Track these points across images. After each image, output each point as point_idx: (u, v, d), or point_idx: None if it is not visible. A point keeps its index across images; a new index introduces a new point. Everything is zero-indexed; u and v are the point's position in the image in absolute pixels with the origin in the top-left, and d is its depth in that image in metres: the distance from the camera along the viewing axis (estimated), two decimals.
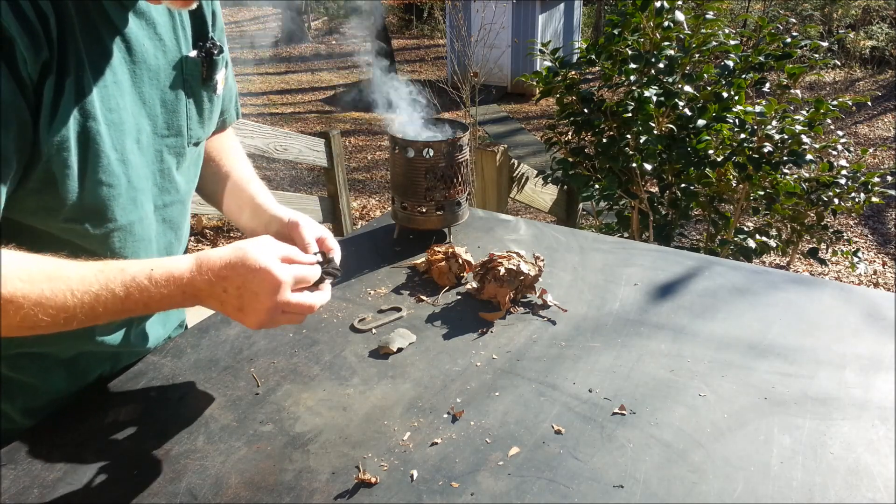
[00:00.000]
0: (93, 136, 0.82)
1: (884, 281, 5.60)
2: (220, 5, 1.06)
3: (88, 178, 0.83)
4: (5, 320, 0.73)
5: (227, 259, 0.81)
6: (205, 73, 0.99)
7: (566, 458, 0.84)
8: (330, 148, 3.97)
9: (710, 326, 1.12)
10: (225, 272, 0.80)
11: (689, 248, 3.26)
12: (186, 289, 0.81)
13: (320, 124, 11.60)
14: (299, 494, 0.80)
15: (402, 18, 20.48)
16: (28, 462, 0.85)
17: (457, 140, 1.37)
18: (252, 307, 0.81)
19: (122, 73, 0.86)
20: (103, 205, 0.86)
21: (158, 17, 0.91)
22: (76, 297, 0.75)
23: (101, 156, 0.83)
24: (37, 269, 0.75)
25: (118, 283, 0.78)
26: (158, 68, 0.91)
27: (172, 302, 0.81)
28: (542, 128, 6.82)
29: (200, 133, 1.02)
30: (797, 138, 2.82)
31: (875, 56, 13.96)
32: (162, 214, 0.98)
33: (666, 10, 3.01)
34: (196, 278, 0.81)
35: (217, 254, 0.82)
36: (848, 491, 0.79)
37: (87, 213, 0.85)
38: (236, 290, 0.80)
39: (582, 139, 3.44)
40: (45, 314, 0.74)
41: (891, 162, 8.84)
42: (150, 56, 0.89)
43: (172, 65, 0.93)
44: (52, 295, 0.74)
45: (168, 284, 0.80)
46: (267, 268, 0.80)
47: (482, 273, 1.21)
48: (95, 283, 0.77)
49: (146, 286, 0.79)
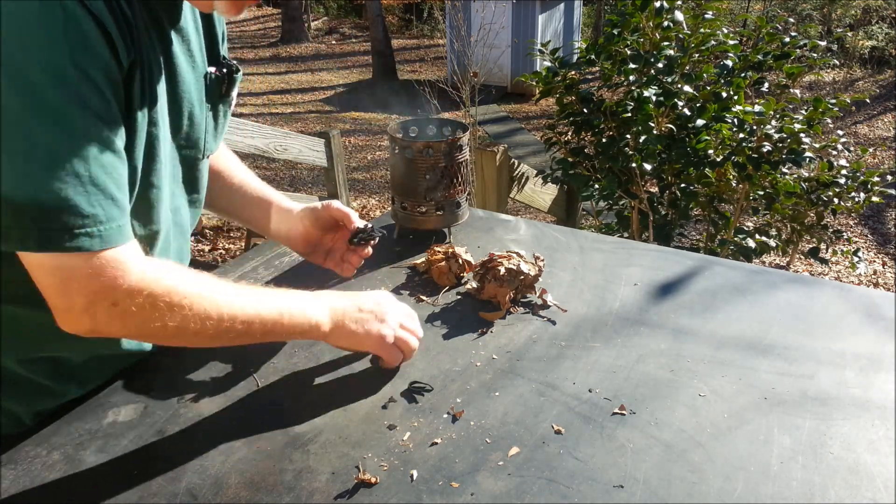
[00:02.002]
0: (154, 141, 0.86)
1: (884, 281, 5.60)
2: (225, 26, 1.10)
3: (148, 179, 0.87)
4: (219, 341, 0.88)
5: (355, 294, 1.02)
6: (224, 90, 1.03)
7: (566, 458, 0.84)
8: (330, 148, 3.97)
9: (710, 326, 1.12)
10: (357, 300, 1.00)
11: (689, 248, 3.26)
12: (324, 315, 0.96)
13: (320, 124, 11.59)
14: (299, 494, 0.80)
15: (402, 18, 20.48)
16: (28, 462, 0.85)
17: (457, 140, 1.37)
18: (391, 312, 1.01)
19: (162, 84, 0.88)
20: (151, 207, 0.90)
21: (191, 34, 0.94)
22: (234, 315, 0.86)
23: (157, 160, 0.87)
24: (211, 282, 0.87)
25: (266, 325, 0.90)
26: (190, 83, 0.94)
27: (306, 336, 0.97)
28: (542, 128, 6.82)
29: (213, 146, 1.06)
30: (796, 138, 2.82)
31: (874, 56, 13.96)
32: (175, 218, 1.02)
33: (665, 10, 3.01)
34: (333, 302, 0.98)
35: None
36: (848, 491, 0.79)
37: (138, 214, 0.88)
38: (371, 309, 0.99)
39: (582, 139, 3.44)
40: (201, 319, 0.83)
41: (891, 162, 8.85)
42: (184, 70, 0.93)
43: (198, 80, 0.97)
44: (231, 309, 0.86)
45: (304, 332, 0.95)
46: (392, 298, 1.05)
47: (482, 273, 1.21)
48: (251, 307, 0.88)
49: (284, 330, 0.93)
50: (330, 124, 11.52)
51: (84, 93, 0.71)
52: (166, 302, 0.79)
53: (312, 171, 8.53)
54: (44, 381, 0.94)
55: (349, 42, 19.16)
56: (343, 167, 4.15)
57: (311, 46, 18.31)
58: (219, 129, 1.06)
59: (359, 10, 20.75)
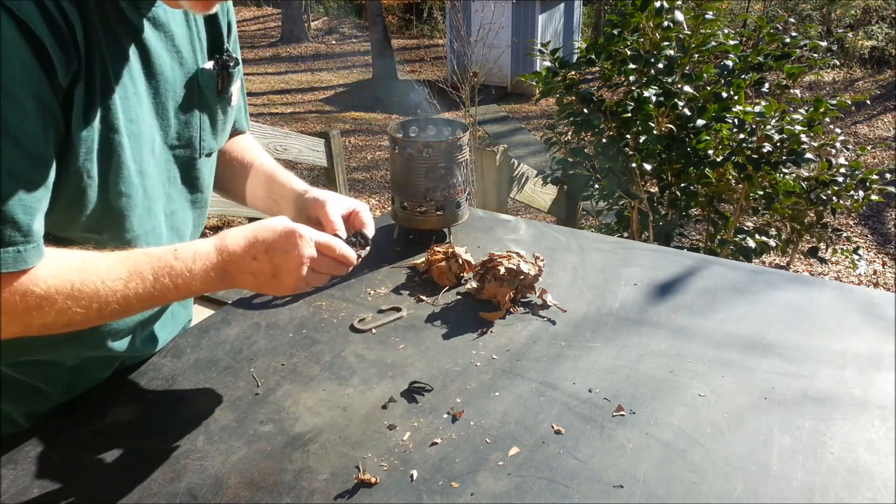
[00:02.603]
0: (115, 148, 0.82)
1: (884, 281, 5.60)
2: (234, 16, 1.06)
3: (109, 189, 0.84)
4: (41, 318, 0.74)
5: (249, 228, 0.85)
6: (220, 86, 0.99)
7: (566, 458, 0.84)
8: (330, 148, 3.96)
9: (710, 326, 1.12)
10: (250, 238, 0.84)
11: (689, 248, 3.26)
12: (216, 264, 0.83)
13: (320, 124, 11.59)
14: (299, 494, 0.80)
15: (402, 18, 20.48)
16: (28, 462, 0.85)
17: (457, 140, 1.37)
18: (286, 267, 0.84)
19: (141, 83, 0.86)
20: (121, 215, 0.87)
21: (176, 29, 0.91)
22: (107, 285, 0.77)
23: (122, 167, 0.84)
24: (64, 262, 0.76)
25: (145, 266, 0.79)
26: (175, 80, 0.91)
27: (203, 281, 0.83)
28: (542, 128, 6.83)
29: (213, 144, 1.03)
30: (796, 138, 2.82)
31: (874, 56, 13.96)
32: (170, 222, 0.99)
33: (665, 11, 3.01)
34: (223, 251, 0.83)
35: (237, 228, 0.86)
36: (848, 491, 0.79)
37: (105, 223, 0.86)
38: (265, 254, 0.84)
39: (582, 139, 3.44)
40: (79, 306, 0.75)
41: (890, 161, 8.84)
42: (167, 67, 0.90)
43: (188, 77, 0.94)
44: (83, 286, 0.75)
45: (195, 261, 0.82)
46: (288, 227, 0.85)
47: (482, 273, 1.21)
48: (123, 269, 0.78)
49: (172, 265, 0.80)
50: (330, 124, 11.52)
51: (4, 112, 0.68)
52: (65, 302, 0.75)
53: (312, 171, 8.51)
54: (35, 382, 0.94)
55: (349, 42, 19.16)
56: (343, 167, 4.15)
57: (311, 46, 18.31)
58: (218, 126, 1.02)
59: (359, 10, 20.75)
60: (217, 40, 1.00)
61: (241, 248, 0.84)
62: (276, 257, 0.84)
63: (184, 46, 0.92)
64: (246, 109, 1.20)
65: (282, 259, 0.84)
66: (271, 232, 0.85)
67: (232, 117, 1.07)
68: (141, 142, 0.87)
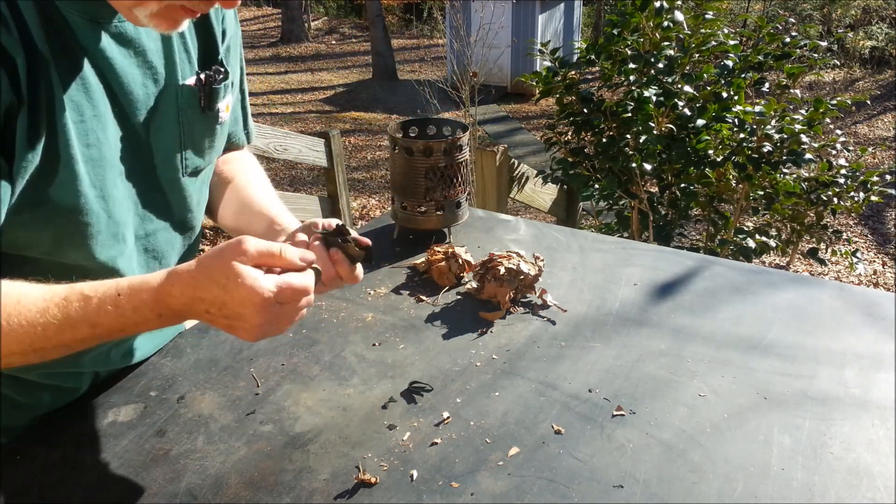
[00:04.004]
0: (65, 175, 0.76)
1: (883, 281, 5.60)
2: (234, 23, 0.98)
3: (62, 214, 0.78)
4: None
5: (197, 280, 0.71)
6: (203, 102, 0.91)
7: (566, 458, 0.84)
8: (330, 148, 3.96)
9: (710, 326, 1.12)
10: (200, 293, 0.71)
11: (689, 248, 3.26)
12: (163, 312, 0.73)
13: (320, 124, 11.59)
14: (299, 494, 0.80)
15: (402, 18, 20.49)
16: (28, 462, 0.85)
17: (457, 140, 1.37)
18: (241, 326, 0.73)
19: (103, 104, 0.80)
20: (82, 238, 0.82)
21: (150, 44, 0.84)
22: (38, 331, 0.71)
23: (76, 194, 0.78)
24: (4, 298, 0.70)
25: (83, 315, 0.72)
26: (148, 97, 0.85)
27: (152, 326, 0.75)
28: (542, 128, 6.82)
29: (199, 162, 0.96)
30: (796, 138, 2.82)
31: (874, 56, 13.97)
32: (143, 244, 0.93)
33: (665, 10, 3.01)
34: (171, 302, 0.72)
35: (186, 271, 0.73)
36: (848, 491, 0.79)
37: (66, 246, 0.82)
38: (218, 310, 0.71)
39: (582, 139, 3.44)
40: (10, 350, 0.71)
41: (890, 161, 8.85)
42: (137, 85, 0.84)
43: (165, 93, 0.87)
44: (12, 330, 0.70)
45: (139, 311, 0.72)
46: (244, 287, 0.70)
47: (482, 273, 1.21)
48: (58, 314, 0.71)
49: (115, 316, 0.72)
50: (330, 124, 11.53)
51: None
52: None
53: (312, 171, 8.53)
54: (15, 397, 0.92)
55: (349, 42, 19.16)
56: (343, 167, 4.15)
57: (311, 46, 18.31)
58: (205, 143, 0.95)
59: (359, 10, 20.76)
60: (210, 50, 0.93)
61: (190, 299, 0.72)
62: (230, 316, 0.72)
63: (157, 62, 0.85)
64: (247, 122, 1.14)
65: (236, 320, 0.72)
66: (223, 290, 0.70)
67: (224, 133, 1.00)
68: (103, 165, 0.82)
